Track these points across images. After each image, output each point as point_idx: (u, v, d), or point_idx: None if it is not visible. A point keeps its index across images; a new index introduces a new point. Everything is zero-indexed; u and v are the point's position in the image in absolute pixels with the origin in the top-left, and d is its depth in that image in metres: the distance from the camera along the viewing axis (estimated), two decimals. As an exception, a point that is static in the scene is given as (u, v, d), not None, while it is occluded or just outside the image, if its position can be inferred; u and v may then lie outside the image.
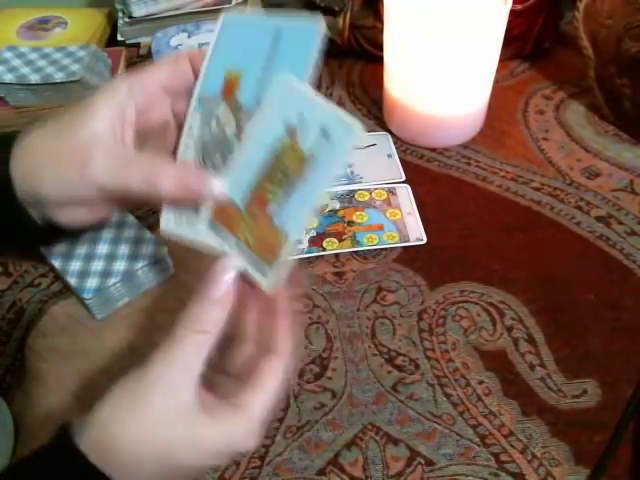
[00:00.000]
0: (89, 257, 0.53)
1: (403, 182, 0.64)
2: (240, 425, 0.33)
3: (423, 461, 0.44)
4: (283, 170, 0.32)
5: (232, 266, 0.35)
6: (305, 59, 0.35)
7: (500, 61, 0.64)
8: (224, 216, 0.35)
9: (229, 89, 0.37)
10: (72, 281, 0.51)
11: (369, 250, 0.57)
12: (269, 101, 0.34)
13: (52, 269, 0.55)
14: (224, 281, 0.34)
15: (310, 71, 0.35)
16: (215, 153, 0.37)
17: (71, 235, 0.51)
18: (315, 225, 0.59)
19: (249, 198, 0.34)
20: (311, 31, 0.35)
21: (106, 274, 0.51)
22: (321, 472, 0.44)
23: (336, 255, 0.57)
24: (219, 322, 0.34)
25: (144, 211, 0.59)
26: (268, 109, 0.33)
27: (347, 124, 0.30)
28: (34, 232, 0.42)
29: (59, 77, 0.67)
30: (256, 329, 0.36)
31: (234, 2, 0.79)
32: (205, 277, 0.34)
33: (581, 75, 0.69)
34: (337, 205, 0.61)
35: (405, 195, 0.62)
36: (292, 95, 0.32)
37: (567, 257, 0.56)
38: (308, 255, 0.57)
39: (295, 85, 0.33)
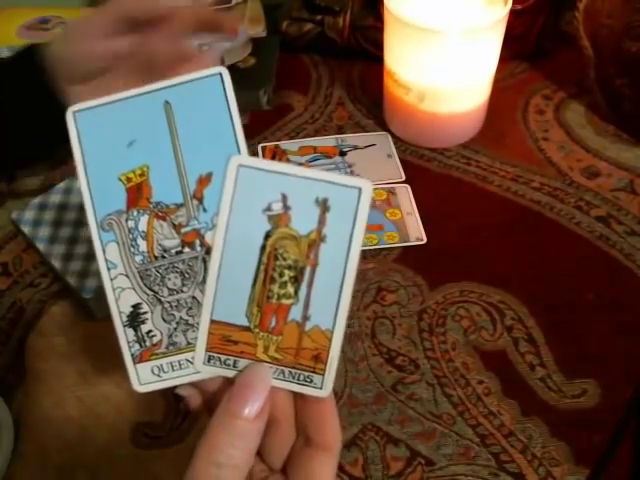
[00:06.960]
0: (89, 257, 0.53)
1: (403, 182, 0.63)
2: None
3: (423, 461, 0.44)
4: (288, 265, 0.28)
5: (269, 377, 0.28)
6: (219, 118, 0.28)
7: (500, 61, 0.64)
8: (226, 344, 0.29)
9: (136, 194, 0.28)
10: (72, 281, 0.51)
11: (369, 250, 0.57)
12: (232, 197, 0.27)
13: (52, 269, 0.55)
14: (258, 397, 0.26)
15: (239, 128, 0.28)
16: (167, 277, 0.29)
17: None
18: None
19: (256, 312, 0.28)
20: (212, 81, 0.28)
21: (106, 274, 0.51)
22: (321, 472, 0.44)
23: (336, 255, 0.57)
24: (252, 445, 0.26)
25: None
26: (236, 206, 0.27)
27: (346, 187, 0.27)
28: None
29: (59, 77, 0.67)
30: (290, 409, 0.29)
31: (234, 2, 0.79)
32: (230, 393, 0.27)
33: (581, 75, 0.69)
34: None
35: (405, 195, 0.62)
36: (261, 179, 0.27)
37: (567, 257, 0.56)
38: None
39: (256, 165, 0.27)
